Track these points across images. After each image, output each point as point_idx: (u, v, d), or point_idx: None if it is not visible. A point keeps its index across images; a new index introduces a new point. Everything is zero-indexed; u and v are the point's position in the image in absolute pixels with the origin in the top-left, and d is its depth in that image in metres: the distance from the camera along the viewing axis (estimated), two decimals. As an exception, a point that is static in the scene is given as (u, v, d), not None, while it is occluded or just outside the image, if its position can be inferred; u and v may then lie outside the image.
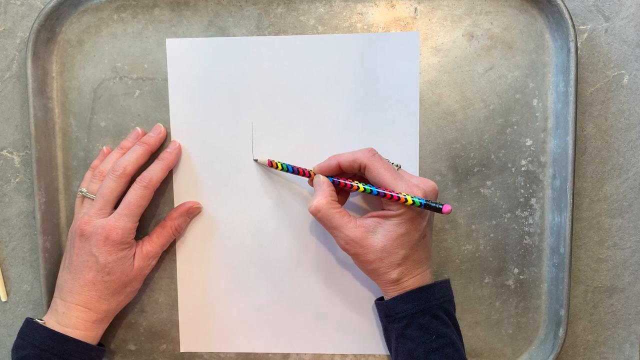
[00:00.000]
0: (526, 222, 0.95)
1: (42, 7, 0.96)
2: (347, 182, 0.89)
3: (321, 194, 0.87)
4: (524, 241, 0.95)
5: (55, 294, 0.92)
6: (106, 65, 0.97)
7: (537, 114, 0.93)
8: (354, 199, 0.97)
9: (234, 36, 0.95)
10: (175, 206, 0.97)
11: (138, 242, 0.94)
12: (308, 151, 0.95)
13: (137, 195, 0.90)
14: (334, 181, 0.89)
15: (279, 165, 0.92)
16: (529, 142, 0.93)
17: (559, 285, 0.92)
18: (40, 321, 0.90)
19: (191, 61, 0.96)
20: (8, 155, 1.00)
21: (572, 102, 0.89)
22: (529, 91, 0.93)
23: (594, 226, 0.96)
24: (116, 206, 0.91)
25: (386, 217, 0.85)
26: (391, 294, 0.88)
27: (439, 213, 0.84)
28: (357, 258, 0.87)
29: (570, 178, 0.89)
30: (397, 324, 0.87)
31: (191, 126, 0.96)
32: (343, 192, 0.94)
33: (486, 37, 0.93)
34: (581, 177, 0.95)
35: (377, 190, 0.85)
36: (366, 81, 0.94)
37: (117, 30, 0.96)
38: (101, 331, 0.94)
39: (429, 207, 0.83)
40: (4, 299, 1.02)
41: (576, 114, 0.89)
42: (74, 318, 0.90)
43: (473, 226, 0.95)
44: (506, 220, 0.95)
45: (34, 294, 1.03)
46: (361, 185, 0.87)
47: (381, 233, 0.85)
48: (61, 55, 0.97)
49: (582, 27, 0.93)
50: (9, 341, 1.04)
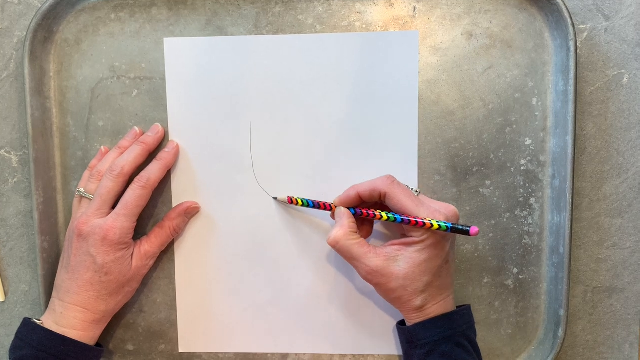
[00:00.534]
0: (525, 222, 0.95)
1: (40, 6, 0.95)
2: (369, 212, 0.88)
3: (339, 225, 0.87)
4: (524, 241, 0.95)
5: (53, 294, 0.92)
6: (104, 64, 0.96)
7: (536, 113, 0.93)
8: (375, 225, 0.96)
9: (232, 35, 0.95)
10: (174, 206, 0.97)
11: (136, 242, 0.94)
12: (306, 151, 0.95)
13: (135, 195, 0.90)
14: (355, 212, 0.89)
15: (299, 201, 0.93)
16: (528, 142, 0.93)
17: (558, 285, 0.92)
18: (38, 321, 0.90)
19: (189, 60, 0.95)
20: (6, 155, 1.00)
21: (571, 101, 0.88)
22: (528, 90, 0.93)
23: (593, 226, 0.95)
24: (114, 206, 0.91)
25: (408, 244, 0.85)
26: (414, 320, 0.88)
27: (466, 235, 0.84)
28: (380, 287, 0.87)
29: (569, 178, 0.89)
30: (420, 350, 0.86)
31: (189, 126, 0.96)
32: (367, 222, 0.93)
33: (485, 36, 0.93)
34: (581, 176, 0.95)
35: (401, 217, 0.84)
36: (365, 80, 0.94)
37: (115, 29, 0.96)
38: (99, 331, 0.93)
39: (455, 230, 0.83)
40: (1, 299, 1.02)
41: (576, 113, 0.88)
42: (71, 318, 0.89)
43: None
44: (505, 220, 0.95)
45: (32, 294, 1.02)
46: (384, 214, 0.86)
47: (403, 261, 0.84)
48: (59, 54, 0.97)
49: (581, 26, 0.93)
50: (7, 341, 1.04)
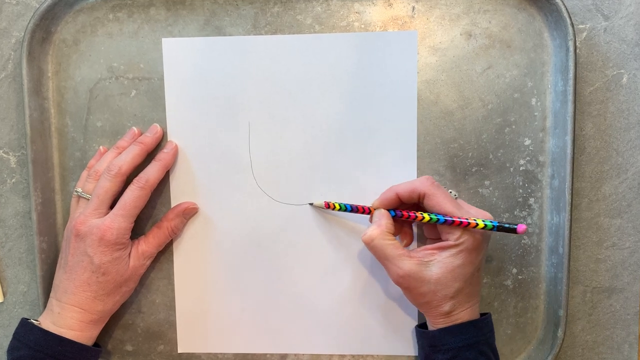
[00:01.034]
0: (525, 222, 0.94)
1: (37, 6, 0.95)
2: (409, 213, 0.88)
3: (376, 224, 0.87)
4: (523, 241, 0.95)
5: (51, 294, 0.92)
6: (102, 65, 0.96)
7: (535, 114, 0.93)
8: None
9: (230, 35, 0.95)
10: (172, 207, 0.97)
11: (134, 242, 0.93)
12: (305, 151, 0.95)
13: (134, 196, 0.90)
14: (395, 214, 0.89)
15: (337, 205, 0.92)
16: (527, 142, 0.93)
17: (557, 285, 0.92)
18: (36, 322, 0.90)
19: (187, 61, 0.95)
20: (4, 155, 0.99)
21: (570, 101, 0.88)
22: (527, 90, 0.92)
23: (592, 226, 0.95)
24: (113, 206, 0.91)
25: (442, 248, 0.84)
26: (439, 325, 0.87)
27: (513, 234, 0.84)
28: (410, 292, 0.87)
29: (569, 178, 0.89)
30: (442, 355, 0.86)
31: (188, 126, 0.96)
32: (407, 228, 0.94)
33: (484, 36, 0.92)
34: (580, 177, 0.95)
35: (444, 217, 0.84)
36: (363, 80, 0.94)
37: (113, 29, 0.96)
38: (97, 332, 0.93)
39: (502, 228, 0.83)
40: (0, 299, 1.02)
41: (575, 113, 0.88)
42: (69, 319, 0.89)
43: (471, 226, 0.95)
44: (505, 220, 0.94)
45: (31, 295, 1.02)
46: (425, 215, 0.86)
47: (436, 265, 0.84)
48: (57, 55, 0.97)
49: (581, 26, 0.93)
50: (5, 342, 1.03)
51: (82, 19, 0.96)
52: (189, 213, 0.96)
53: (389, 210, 0.89)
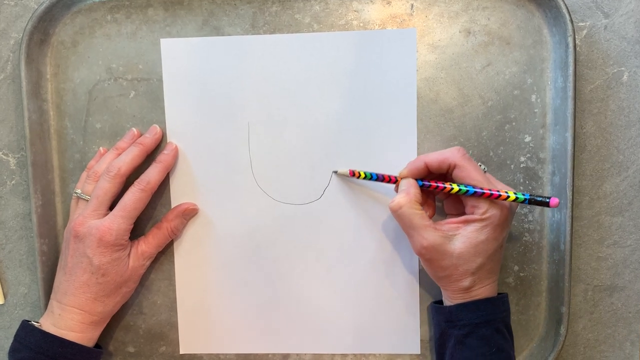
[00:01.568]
0: (526, 219, 0.94)
1: (36, 7, 0.95)
2: (437, 184, 0.87)
3: (405, 192, 0.86)
4: (524, 238, 0.95)
5: (52, 296, 0.92)
6: (100, 66, 0.96)
7: (535, 110, 0.92)
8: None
9: (228, 35, 0.94)
10: (172, 207, 0.97)
11: (133, 242, 0.94)
12: (305, 150, 0.95)
13: (135, 198, 0.90)
14: (423, 184, 0.88)
15: (362, 174, 0.91)
16: (527, 139, 0.93)
17: (559, 282, 0.92)
18: (37, 323, 0.90)
19: (186, 61, 0.95)
20: (3, 157, 0.99)
21: (570, 97, 0.88)
22: (527, 87, 0.92)
23: (593, 224, 0.95)
24: (112, 207, 0.91)
25: (468, 221, 0.84)
26: (456, 300, 0.87)
27: (546, 207, 0.83)
28: (431, 264, 0.86)
29: (569, 174, 0.89)
30: (459, 330, 0.86)
31: (187, 127, 0.96)
32: (430, 200, 0.93)
33: (483, 33, 0.92)
34: (581, 175, 0.94)
35: (474, 188, 0.83)
36: (363, 79, 0.93)
37: (111, 31, 0.96)
38: (97, 333, 0.94)
39: (534, 201, 0.82)
40: (1, 301, 1.02)
41: (575, 109, 0.88)
42: (69, 320, 0.89)
43: (472, 224, 0.95)
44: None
45: (32, 297, 1.02)
46: (455, 185, 0.85)
47: (460, 240, 0.83)
48: (55, 57, 0.97)
49: (581, 23, 0.93)
50: (6, 344, 1.04)
51: (80, 21, 0.96)
52: (189, 214, 0.96)
53: (416, 180, 0.88)
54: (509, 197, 0.81)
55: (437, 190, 0.87)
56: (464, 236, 0.83)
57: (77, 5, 0.95)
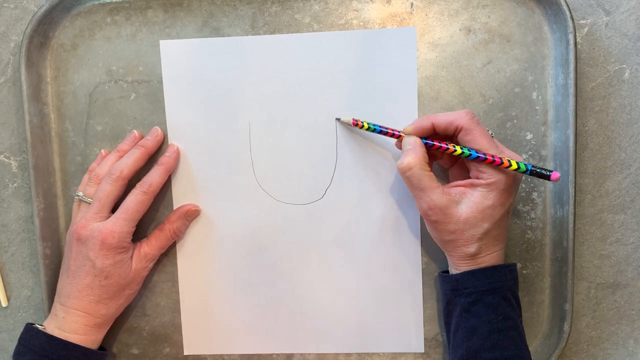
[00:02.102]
0: (528, 217, 0.94)
1: (35, 10, 0.95)
2: (441, 144, 0.85)
3: (414, 152, 0.84)
4: (527, 236, 0.95)
5: (55, 299, 0.92)
6: (101, 68, 0.96)
7: (536, 107, 0.92)
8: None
9: (228, 36, 0.94)
10: (174, 209, 0.97)
11: (136, 245, 0.94)
12: (306, 150, 0.95)
13: (137, 201, 0.90)
14: (426, 143, 0.86)
15: (365, 124, 0.90)
16: (529, 136, 0.92)
17: (562, 279, 0.92)
18: (41, 326, 0.90)
19: (186, 62, 0.95)
20: (5, 160, 0.99)
21: (572, 94, 0.88)
22: (528, 84, 0.92)
23: (596, 222, 0.95)
24: (114, 209, 0.91)
25: (474, 185, 0.83)
26: (462, 267, 0.86)
27: (547, 180, 0.82)
28: (437, 226, 0.85)
29: (571, 171, 0.89)
30: (465, 298, 0.85)
31: (188, 128, 0.96)
32: (430, 160, 0.89)
33: (484, 31, 0.92)
34: (583, 173, 0.94)
35: (477, 153, 0.82)
36: (363, 78, 0.93)
37: (111, 33, 0.96)
38: (101, 335, 0.94)
39: (535, 172, 0.81)
40: (4, 304, 1.02)
41: (576, 106, 0.88)
42: (73, 323, 0.89)
43: (474, 222, 0.95)
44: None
45: (35, 299, 1.03)
46: (458, 148, 0.83)
47: (466, 204, 0.83)
48: (55, 60, 0.97)
49: (582, 21, 0.92)
50: (10, 346, 1.04)
51: (80, 23, 0.96)
52: (191, 215, 0.96)
53: (421, 139, 0.87)
54: (510, 165, 0.80)
55: (440, 151, 0.86)
56: (470, 201, 0.82)
57: (76, 8, 0.95)
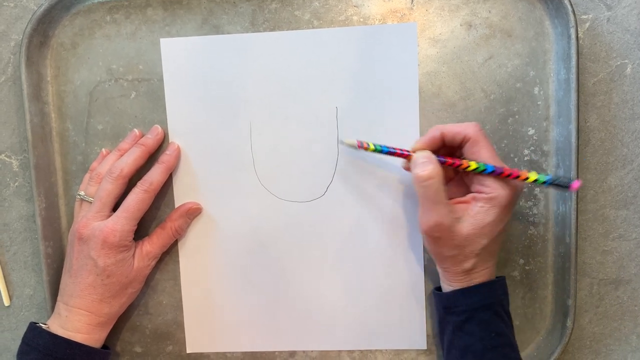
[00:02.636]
0: (530, 212, 0.94)
1: (35, 8, 0.95)
2: (454, 160, 0.84)
3: (432, 163, 0.82)
4: (529, 231, 0.95)
5: (58, 298, 0.92)
6: (101, 67, 0.96)
7: (538, 103, 0.92)
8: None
9: (228, 34, 0.94)
10: (176, 207, 0.97)
11: (138, 243, 0.94)
12: (307, 147, 0.95)
13: (138, 199, 0.90)
14: (438, 160, 0.84)
15: (371, 146, 0.87)
16: (531, 132, 0.92)
17: (565, 275, 0.92)
18: (44, 325, 0.90)
19: (186, 61, 0.95)
20: (6, 159, 1.00)
21: (573, 89, 0.87)
22: (529, 79, 0.92)
23: (598, 218, 0.95)
24: (116, 208, 0.91)
25: (476, 200, 0.83)
26: (455, 284, 0.87)
27: (566, 190, 0.82)
28: (438, 242, 0.84)
29: (574, 166, 0.88)
30: (456, 317, 0.85)
31: (189, 126, 0.96)
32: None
33: (485, 26, 0.91)
34: (585, 168, 0.94)
35: (494, 167, 0.81)
36: (364, 75, 0.93)
37: (111, 31, 0.95)
38: (105, 334, 0.94)
39: (555, 183, 0.81)
40: (7, 303, 1.03)
41: (578, 101, 0.87)
42: (76, 322, 0.90)
43: (477, 218, 0.94)
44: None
45: (37, 298, 1.03)
46: (472, 163, 0.82)
47: (468, 220, 0.82)
48: (55, 59, 0.97)
49: (583, 16, 0.92)
50: (13, 345, 1.04)
51: (80, 22, 0.96)
52: (192, 213, 0.96)
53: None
54: (528, 177, 0.80)
55: (453, 167, 0.85)
56: (471, 217, 0.82)
57: (76, 7, 0.95)
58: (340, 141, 0.94)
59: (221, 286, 0.98)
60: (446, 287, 0.89)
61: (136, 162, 0.92)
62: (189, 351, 1.00)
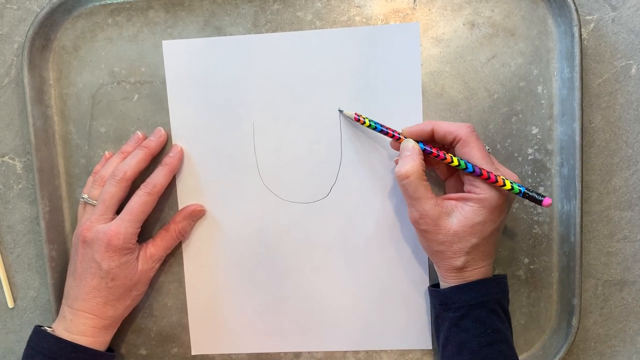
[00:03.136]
0: (535, 212, 0.94)
1: (38, 10, 0.95)
2: (439, 152, 0.85)
3: (413, 160, 0.84)
4: (534, 230, 0.94)
5: (63, 301, 0.93)
6: (103, 70, 0.96)
7: (542, 101, 0.91)
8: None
9: (230, 35, 0.94)
10: (179, 209, 0.97)
11: (142, 245, 0.94)
12: (310, 148, 0.95)
13: (141, 201, 0.90)
14: (425, 149, 0.85)
15: (367, 121, 0.89)
16: (535, 130, 0.92)
17: (570, 274, 0.91)
18: (49, 329, 0.90)
19: (188, 62, 0.95)
20: (10, 161, 1.00)
21: (577, 88, 0.87)
22: (533, 78, 0.91)
23: (603, 219, 0.95)
24: (119, 211, 0.91)
25: (466, 199, 0.83)
26: (450, 281, 0.87)
27: (538, 204, 0.82)
28: (426, 235, 0.85)
29: (578, 165, 0.88)
30: (453, 313, 0.85)
31: (192, 128, 0.95)
32: (427, 165, 0.89)
33: (487, 25, 0.91)
34: (590, 169, 0.94)
35: (474, 166, 0.81)
36: (367, 75, 0.93)
37: (113, 34, 0.95)
38: (109, 337, 0.94)
39: (528, 196, 0.81)
40: (11, 305, 1.03)
41: (582, 100, 0.87)
42: (81, 325, 0.90)
43: (481, 218, 0.94)
44: (514, 210, 0.94)
45: (41, 300, 1.03)
46: (455, 159, 0.83)
47: (457, 217, 0.82)
48: (57, 62, 0.96)
49: (588, 17, 0.91)
50: (17, 347, 1.05)
51: (82, 25, 0.95)
52: (196, 215, 0.96)
53: (418, 143, 0.86)
54: (504, 185, 0.80)
55: (437, 160, 0.86)
56: (461, 214, 0.82)
57: (78, 10, 0.95)
58: (339, 110, 0.94)
59: (225, 287, 0.98)
60: (442, 284, 0.89)
61: (139, 165, 0.92)
62: (194, 353, 1.00)
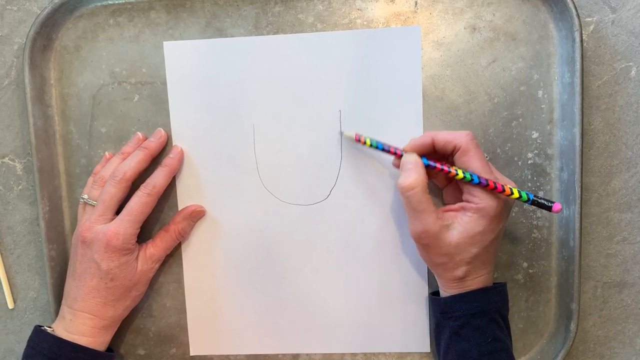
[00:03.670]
0: (534, 216, 0.94)
1: (39, 12, 0.95)
2: (443, 166, 0.84)
3: (416, 172, 0.83)
4: (533, 235, 0.94)
5: (63, 302, 0.92)
6: (104, 70, 0.96)
7: (542, 106, 0.92)
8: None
9: (232, 37, 0.94)
10: (179, 210, 0.97)
11: (141, 246, 0.94)
12: (311, 150, 0.95)
13: (141, 202, 0.90)
14: (428, 164, 0.85)
15: (367, 141, 0.89)
16: (535, 135, 0.92)
17: (569, 278, 0.92)
18: (49, 329, 0.90)
19: (189, 64, 0.95)
20: (10, 162, 1.00)
21: (578, 92, 0.87)
22: (533, 83, 0.91)
23: (602, 221, 0.95)
24: (119, 211, 0.91)
25: (464, 209, 0.83)
26: (451, 290, 0.87)
27: (547, 211, 0.82)
28: (427, 249, 0.85)
29: (578, 170, 0.88)
30: (453, 322, 0.85)
31: (192, 129, 0.96)
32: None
33: (489, 29, 0.91)
34: (589, 171, 0.94)
35: (479, 178, 0.81)
36: (368, 78, 0.93)
37: (114, 34, 0.95)
38: (109, 337, 0.94)
39: (537, 203, 0.81)
40: (11, 306, 1.03)
41: (582, 104, 0.87)
42: (80, 325, 0.90)
43: (480, 221, 0.94)
44: (514, 214, 0.94)
45: (41, 301, 1.03)
46: (460, 171, 0.83)
47: (457, 229, 0.83)
48: (58, 62, 0.97)
49: (588, 18, 0.92)
50: (17, 348, 1.04)
51: (83, 25, 0.96)
52: (196, 216, 0.96)
53: (421, 158, 0.85)
54: (512, 194, 0.81)
55: (442, 174, 0.85)
56: (461, 226, 0.82)
57: (79, 10, 0.95)
58: (340, 132, 0.94)
59: (225, 289, 0.98)
60: (442, 293, 0.89)
61: (139, 166, 0.92)
62: (192, 354, 1.00)
